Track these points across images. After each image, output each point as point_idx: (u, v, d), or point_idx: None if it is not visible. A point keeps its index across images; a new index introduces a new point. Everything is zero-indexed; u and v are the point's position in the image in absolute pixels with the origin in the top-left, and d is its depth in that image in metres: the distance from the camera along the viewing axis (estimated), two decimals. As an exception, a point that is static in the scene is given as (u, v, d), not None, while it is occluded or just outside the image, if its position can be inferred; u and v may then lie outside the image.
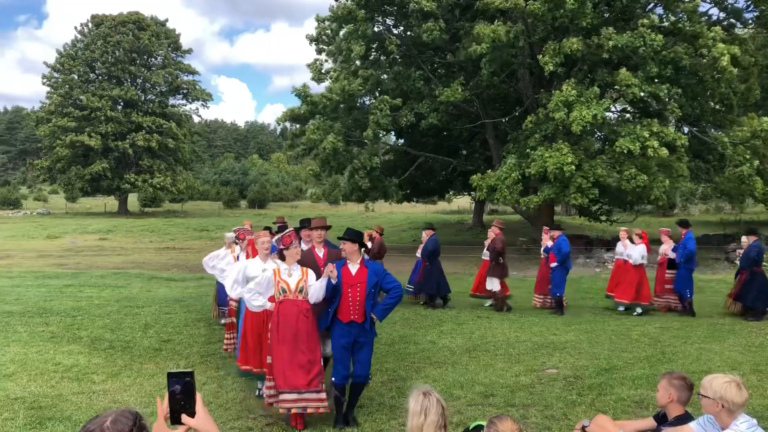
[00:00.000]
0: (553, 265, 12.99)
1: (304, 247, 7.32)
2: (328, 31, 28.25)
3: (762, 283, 12.26)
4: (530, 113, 24.02)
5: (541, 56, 21.36)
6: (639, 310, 12.87)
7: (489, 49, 21.47)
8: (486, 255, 13.78)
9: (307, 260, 6.84)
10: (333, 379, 6.30)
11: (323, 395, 6.19)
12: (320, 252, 7.24)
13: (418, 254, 14.30)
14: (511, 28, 21.49)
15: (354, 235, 6.45)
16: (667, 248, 13.31)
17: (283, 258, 6.67)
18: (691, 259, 12.79)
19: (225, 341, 9.14)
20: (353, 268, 6.37)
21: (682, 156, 21.42)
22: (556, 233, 13.36)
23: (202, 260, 9.98)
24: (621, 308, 13.14)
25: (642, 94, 21.02)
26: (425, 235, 14.01)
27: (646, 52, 20.44)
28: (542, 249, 13.84)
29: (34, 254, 26.63)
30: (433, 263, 13.56)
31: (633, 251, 13.07)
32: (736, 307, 12.71)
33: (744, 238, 13.06)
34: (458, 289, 14.73)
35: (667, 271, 13.18)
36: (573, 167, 20.26)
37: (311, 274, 6.40)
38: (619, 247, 13.91)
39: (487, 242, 13.87)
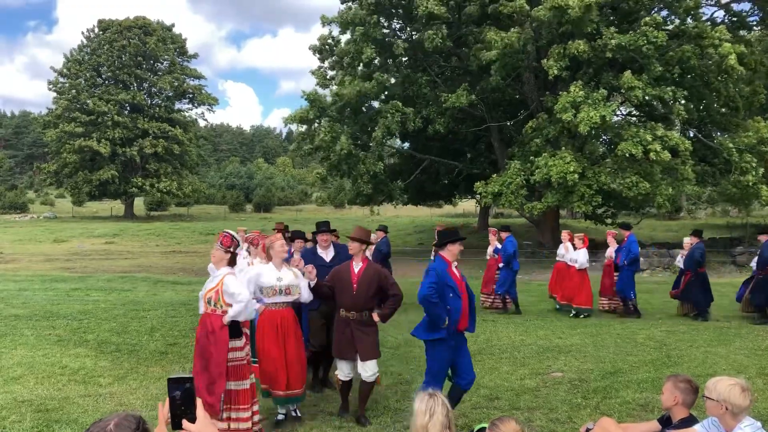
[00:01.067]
0: (500, 265, 13.39)
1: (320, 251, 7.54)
2: (330, 41, 28.32)
3: (704, 284, 12.76)
4: (535, 117, 24.04)
5: (545, 60, 21.38)
6: (573, 312, 13.13)
7: (500, 55, 21.49)
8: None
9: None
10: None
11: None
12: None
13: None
14: (521, 34, 21.48)
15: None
16: (612, 251, 13.52)
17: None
18: (634, 262, 13.01)
19: None
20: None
21: (686, 159, 21.36)
22: (504, 234, 13.57)
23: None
24: (566, 310, 13.44)
25: (647, 97, 20.95)
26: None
27: (649, 51, 20.37)
28: (492, 250, 14.07)
29: (41, 258, 26.76)
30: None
31: (578, 255, 13.31)
32: (684, 308, 13.11)
33: (686, 240, 13.32)
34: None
35: (615, 273, 13.41)
36: (576, 176, 20.24)
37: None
38: (561, 249, 14.11)
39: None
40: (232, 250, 5.77)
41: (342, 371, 6.61)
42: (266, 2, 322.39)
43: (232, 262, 5.84)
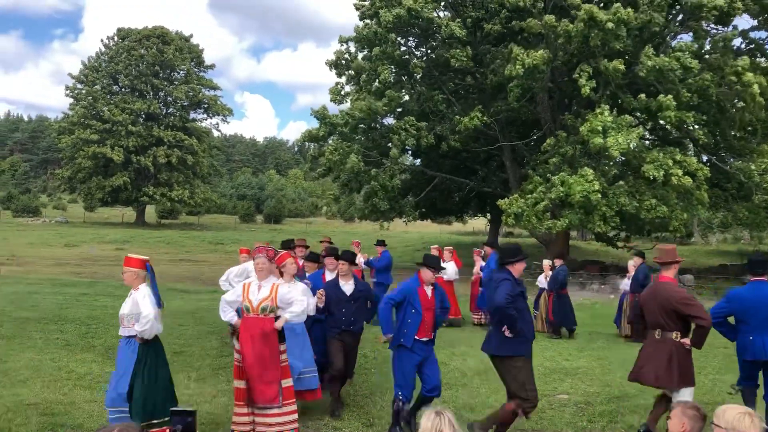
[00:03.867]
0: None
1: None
2: (347, 56, 28.47)
3: (568, 304, 13.52)
4: (549, 136, 24.00)
5: (577, 76, 21.23)
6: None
7: (524, 72, 21.36)
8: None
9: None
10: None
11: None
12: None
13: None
14: (547, 55, 21.39)
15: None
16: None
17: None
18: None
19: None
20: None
21: (701, 184, 21.30)
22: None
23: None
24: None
25: (675, 121, 20.89)
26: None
27: (676, 77, 20.34)
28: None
29: (51, 262, 26.92)
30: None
31: (447, 266, 13.64)
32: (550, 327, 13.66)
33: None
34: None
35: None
36: (599, 195, 20.13)
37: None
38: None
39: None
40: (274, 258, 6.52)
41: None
42: (289, 18, 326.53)
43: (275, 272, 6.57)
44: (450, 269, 13.80)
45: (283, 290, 6.16)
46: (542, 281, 14.27)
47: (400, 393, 6.50)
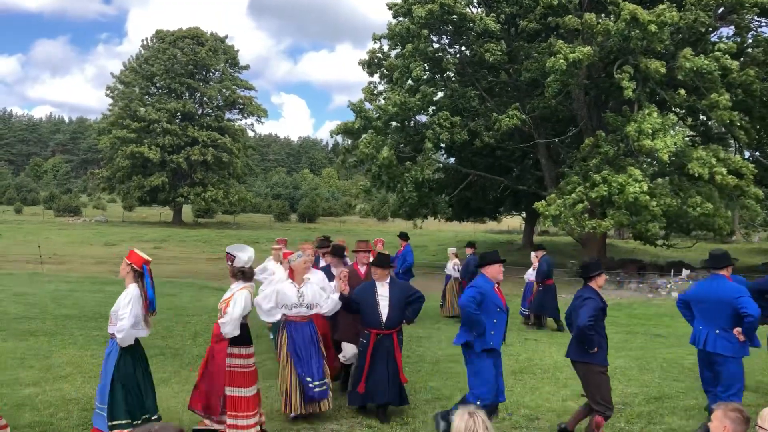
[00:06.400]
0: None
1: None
2: (380, 54, 28.46)
3: (554, 295, 13.73)
4: (585, 134, 23.65)
5: (619, 77, 20.89)
6: None
7: (563, 67, 20.98)
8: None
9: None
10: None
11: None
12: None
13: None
14: (593, 50, 21.07)
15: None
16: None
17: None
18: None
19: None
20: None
21: (749, 181, 20.84)
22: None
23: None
24: None
25: (727, 120, 20.41)
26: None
27: (717, 76, 19.89)
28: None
29: (91, 260, 27.50)
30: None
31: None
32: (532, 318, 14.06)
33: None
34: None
35: None
36: (648, 197, 19.77)
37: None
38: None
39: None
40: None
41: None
42: (326, 20, 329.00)
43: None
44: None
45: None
46: (531, 274, 14.37)
47: (478, 401, 5.93)
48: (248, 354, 6.08)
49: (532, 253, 14.62)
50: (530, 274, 14.38)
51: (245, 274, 6.05)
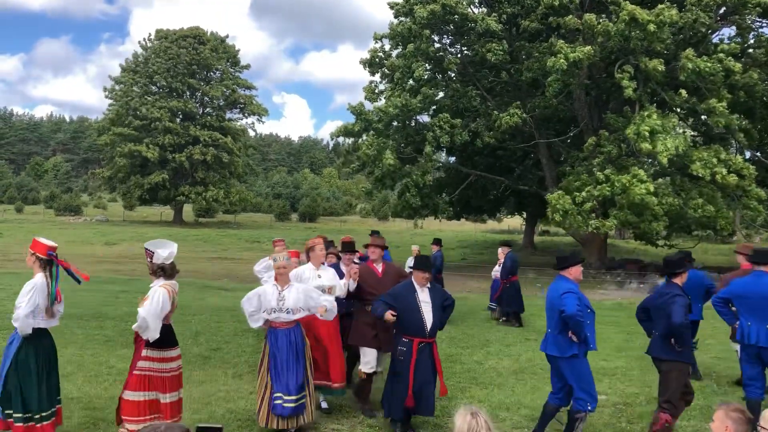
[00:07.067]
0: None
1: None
2: (381, 54, 28.45)
3: (517, 290, 13.99)
4: (586, 134, 23.63)
5: (619, 76, 20.88)
6: None
7: (567, 66, 20.95)
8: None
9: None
10: None
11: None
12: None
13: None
14: (594, 50, 21.05)
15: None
16: None
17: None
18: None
19: None
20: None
21: (751, 182, 20.85)
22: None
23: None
24: None
25: (725, 124, 20.39)
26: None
27: (720, 77, 19.86)
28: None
29: (92, 260, 27.50)
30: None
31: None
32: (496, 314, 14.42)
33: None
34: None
35: None
36: (653, 197, 19.78)
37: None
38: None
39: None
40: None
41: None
42: (328, 20, 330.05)
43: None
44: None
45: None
46: (497, 270, 14.54)
47: (590, 405, 6.01)
48: (169, 357, 5.76)
49: (499, 249, 14.79)
50: (496, 271, 14.55)
51: (165, 271, 5.75)
